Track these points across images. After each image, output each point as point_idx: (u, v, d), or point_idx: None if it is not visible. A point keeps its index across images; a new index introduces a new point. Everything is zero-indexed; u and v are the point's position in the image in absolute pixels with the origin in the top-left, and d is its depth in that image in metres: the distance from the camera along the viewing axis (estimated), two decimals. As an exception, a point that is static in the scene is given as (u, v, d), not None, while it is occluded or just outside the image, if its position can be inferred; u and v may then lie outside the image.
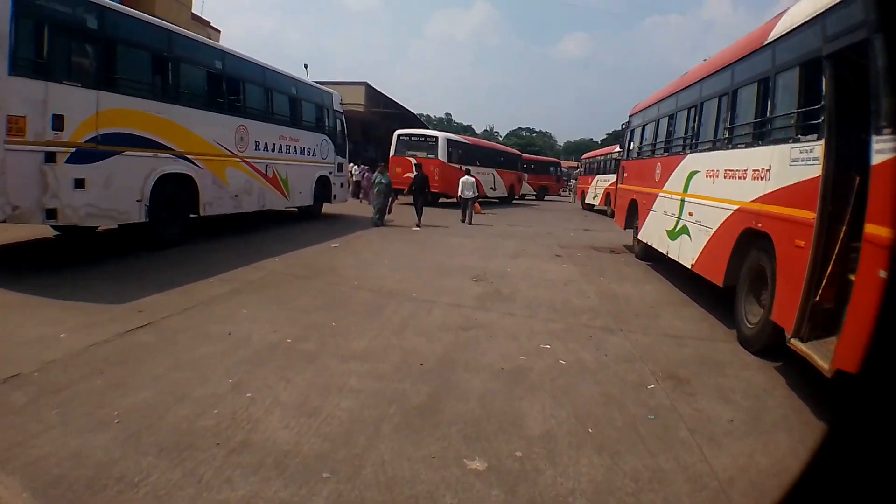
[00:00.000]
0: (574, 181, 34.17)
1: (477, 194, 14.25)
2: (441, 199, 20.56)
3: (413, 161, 18.38)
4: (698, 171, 6.29)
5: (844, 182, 3.70)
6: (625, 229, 10.41)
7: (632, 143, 10.60)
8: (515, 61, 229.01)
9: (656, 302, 6.39)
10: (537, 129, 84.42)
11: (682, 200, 6.71)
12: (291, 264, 7.22)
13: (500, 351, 4.28)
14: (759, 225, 4.55)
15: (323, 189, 12.64)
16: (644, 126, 9.52)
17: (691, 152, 6.71)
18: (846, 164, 3.70)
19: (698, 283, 6.25)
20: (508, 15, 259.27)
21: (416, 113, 39.42)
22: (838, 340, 3.24)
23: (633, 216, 9.66)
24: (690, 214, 6.39)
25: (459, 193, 14.32)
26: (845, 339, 3.09)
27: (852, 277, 3.44)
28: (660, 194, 7.77)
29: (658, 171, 7.97)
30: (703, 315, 5.87)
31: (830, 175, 3.70)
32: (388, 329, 4.68)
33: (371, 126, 29.20)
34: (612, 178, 20.61)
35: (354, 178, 21.49)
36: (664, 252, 7.38)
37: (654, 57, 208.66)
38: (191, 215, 8.17)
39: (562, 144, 75.48)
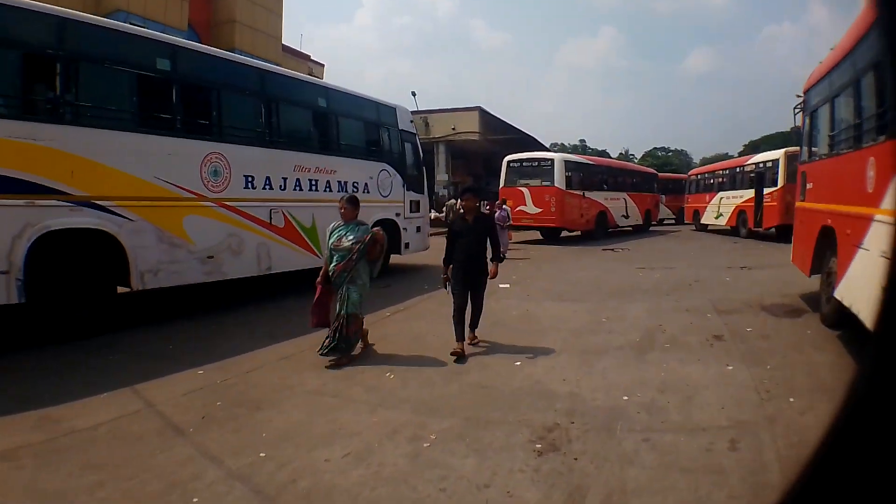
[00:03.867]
0: None
1: (510, 223, 13.60)
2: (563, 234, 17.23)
3: (526, 192, 15.59)
4: None
5: None
6: (810, 276, 6.20)
7: (816, 133, 6.44)
8: (645, 82, 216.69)
9: None
10: (672, 148, 76.36)
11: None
12: (206, 386, 4.02)
13: None
14: None
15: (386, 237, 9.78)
16: (835, 99, 5.46)
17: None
18: None
19: None
20: (633, 37, 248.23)
21: (550, 143, 36.13)
22: None
23: (826, 254, 5.55)
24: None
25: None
26: None
27: None
28: (879, 218, 3.88)
29: (872, 174, 4.07)
30: None
31: None
32: None
33: (493, 156, 27.29)
34: (743, 193, 17.34)
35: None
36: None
37: (774, 67, 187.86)
38: (119, 289, 5.62)
39: (697, 161, 66.00)
